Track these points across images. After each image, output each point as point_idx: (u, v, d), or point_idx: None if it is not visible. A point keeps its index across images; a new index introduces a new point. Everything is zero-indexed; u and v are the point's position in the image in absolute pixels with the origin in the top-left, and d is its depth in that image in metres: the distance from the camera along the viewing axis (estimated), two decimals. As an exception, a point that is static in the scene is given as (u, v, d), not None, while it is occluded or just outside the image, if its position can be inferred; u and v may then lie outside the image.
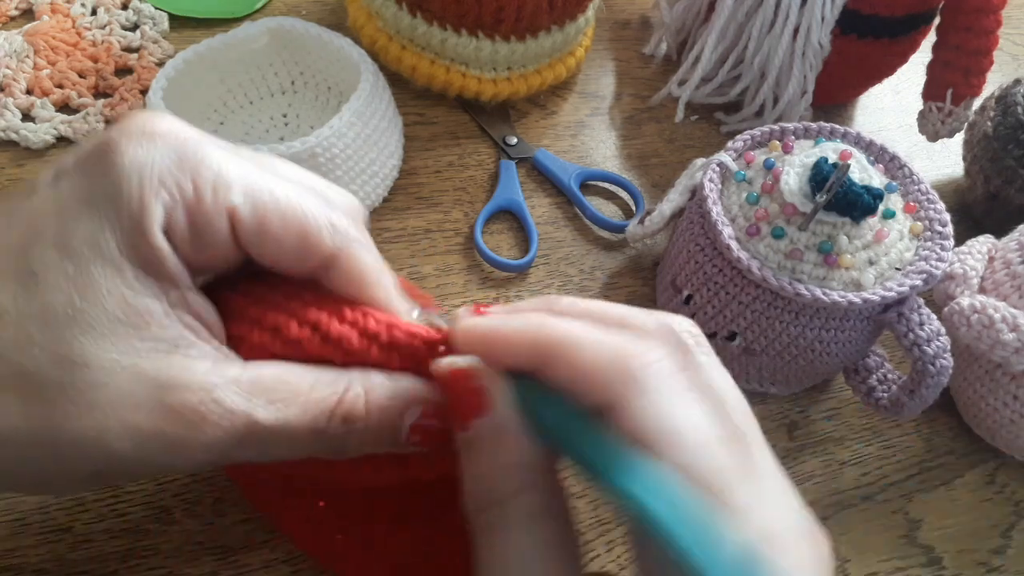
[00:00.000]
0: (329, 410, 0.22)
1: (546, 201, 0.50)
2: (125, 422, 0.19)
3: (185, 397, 0.20)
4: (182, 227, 0.21)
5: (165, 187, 0.20)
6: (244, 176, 0.22)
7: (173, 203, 0.21)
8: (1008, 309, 0.37)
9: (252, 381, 0.21)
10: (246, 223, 0.21)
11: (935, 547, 0.40)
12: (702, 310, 0.40)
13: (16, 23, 0.52)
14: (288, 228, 0.22)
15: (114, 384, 0.19)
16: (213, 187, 0.21)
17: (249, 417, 0.21)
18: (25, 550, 0.32)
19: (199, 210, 0.21)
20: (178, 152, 0.21)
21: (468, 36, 0.49)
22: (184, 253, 0.21)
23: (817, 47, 0.50)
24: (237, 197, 0.21)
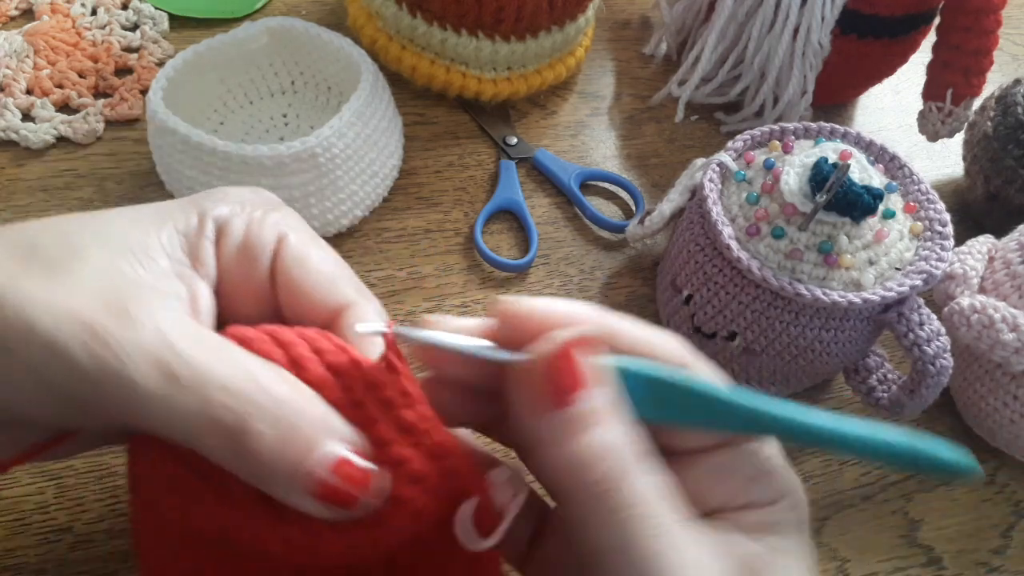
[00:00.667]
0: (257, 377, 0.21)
1: (546, 201, 0.50)
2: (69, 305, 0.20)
3: (133, 305, 0.21)
4: (237, 233, 0.24)
5: (239, 203, 0.25)
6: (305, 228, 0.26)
7: (238, 212, 0.25)
8: (1008, 309, 0.37)
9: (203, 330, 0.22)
10: (291, 248, 0.25)
11: (935, 547, 0.40)
12: (702, 310, 0.40)
13: (16, 23, 0.52)
14: (323, 267, 0.25)
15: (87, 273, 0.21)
16: (275, 220, 0.25)
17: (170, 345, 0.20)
18: (25, 550, 0.32)
19: (256, 226, 0.25)
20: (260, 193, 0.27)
21: (468, 36, 0.49)
22: (225, 262, 0.24)
23: (817, 47, 0.50)
24: (290, 230, 0.25)
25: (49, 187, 0.45)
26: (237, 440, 0.20)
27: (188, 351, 0.20)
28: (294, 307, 0.25)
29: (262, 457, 0.20)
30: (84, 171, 0.46)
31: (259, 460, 0.20)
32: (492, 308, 0.23)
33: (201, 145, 0.39)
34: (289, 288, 0.25)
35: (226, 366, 0.21)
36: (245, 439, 0.20)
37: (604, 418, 0.21)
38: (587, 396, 0.21)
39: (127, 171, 0.46)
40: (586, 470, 0.20)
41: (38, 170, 0.45)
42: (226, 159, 0.40)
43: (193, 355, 0.20)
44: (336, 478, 0.20)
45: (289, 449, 0.20)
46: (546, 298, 0.23)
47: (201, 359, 0.20)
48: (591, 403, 0.21)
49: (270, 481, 0.20)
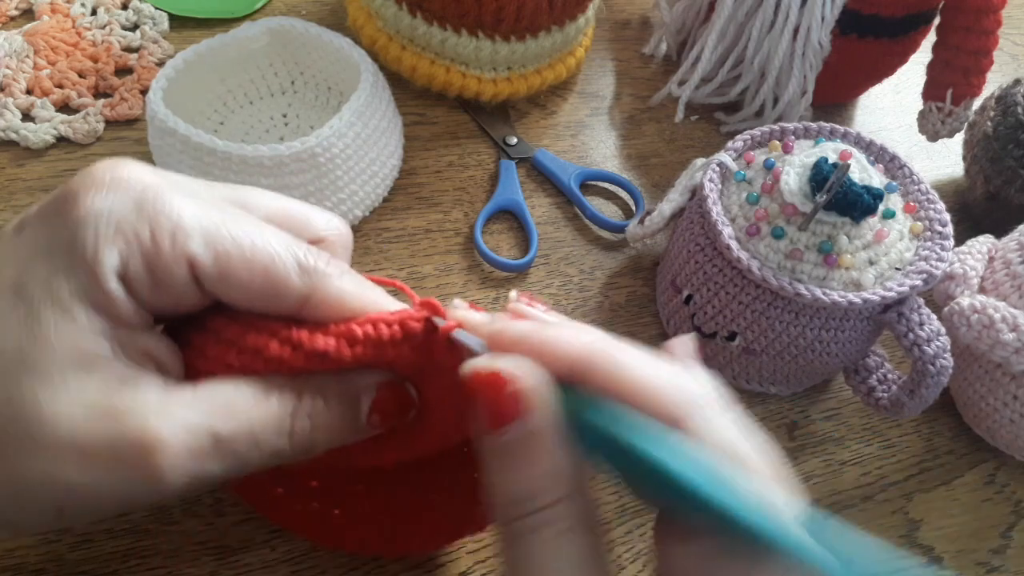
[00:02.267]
0: (292, 407, 0.22)
1: (546, 201, 0.50)
2: (78, 454, 0.19)
3: (137, 420, 0.20)
4: (140, 273, 0.21)
5: (122, 235, 0.21)
6: (205, 224, 0.22)
7: (129, 251, 0.21)
8: (1008, 309, 0.37)
9: (208, 397, 0.21)
10: (207, 270, 0.22)
11: (935, 547, 0.40)
12: (702, 310, 0.40)
13: (16, 23, 0.52)
14: (254, 273, 0.22)
15: (64, 419, 0.19)
16: (171, 235, 0.21)
17: (210, 428, 0.21)
18: (25, 550, 0.32)
19: (157, 258, 0.21)
20: (137, 200, 0.21)
21: (468, 36, 0.49)
22: (144, 298, 0.21)
23: (817, 47, 0.50)
24: (197, 246, 0.21)
25: (49, 187, 0.45)
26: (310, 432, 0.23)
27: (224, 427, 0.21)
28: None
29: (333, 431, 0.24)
30: (84, 171, 0.46)
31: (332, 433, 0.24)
32: (509, 309, 0.23)
33: (201, 145, 0.39)
34: (230, 303, 0.23)
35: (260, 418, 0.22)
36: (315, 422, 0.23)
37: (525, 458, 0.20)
38: (511, 430, 0.20)
39: (127, 171, 0.46)
40: (496, 505, 0.20)
41: (38, 170, 0.45)
42: (226, 159, 0.40)
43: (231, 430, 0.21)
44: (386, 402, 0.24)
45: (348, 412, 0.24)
46: (551, 326, 0.22)
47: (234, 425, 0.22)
48: (511, 437, 0.20)
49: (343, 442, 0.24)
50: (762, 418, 0.43)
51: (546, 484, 0.20)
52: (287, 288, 0.22)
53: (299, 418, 0.22)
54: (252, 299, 0.22)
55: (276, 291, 0.22)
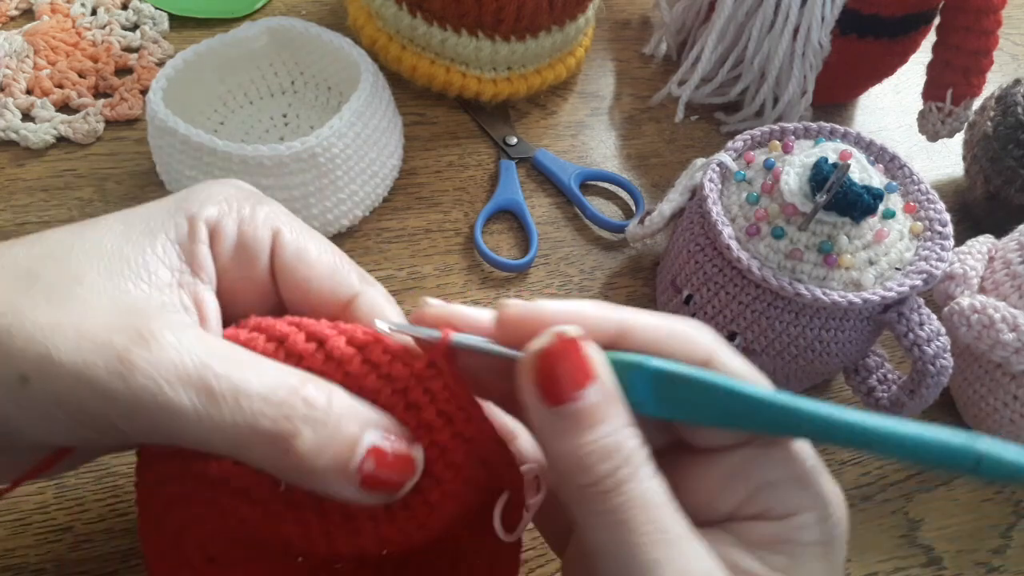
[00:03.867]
0: (291, 385, 0.21)
1: (546, 201, 0.50)
2: (81, 326, 0.20)
3: (148, 322, 0.21)
4: (230, 233, 0.24)
5: (227, 201, 0.25)
6: (294, 220, 0.26)
7: (227, 211, 0.24)
8: (1008, 309, 0.37)
9: (218, 340, 0.22)
10: (288, 244, 0.25)
11: (935, 547, 0.40)
12: (702, 310, 0.40)
13: (16, 23, 0.52)
14: (323, 260, 0.25)
15: (90, 298, 0.21)
16: (265, 213, 0.25)
17: (206, 367, 0.20)
18: (25, 550, 0.32)
19: (248, 224, 0.24)
20: (242, 188, 0.26)
21: (468, 36, 0.49)
22: (224, 260, 0.24)
23: (817, 47, 0.50)
24: (284, 224, 0.25)
25: (49, 187, 0.45)
26: (281, 447, 0.20)
27: (221, 368, 0.20)
28: (299, 301, 0.25)
29: (306, 460, 0.20)
30: (84, 171, 0.46)
31: (303, 463, 0.21)
32: (500, 314, 0.22)
33: (201, 145, 0.39)
34: (292, 283, 0.25)
35: (259, 377, 0.21)
36: (289, 445, 0.20)
37: (602, 417, 0.20)
38: (585, 394, 0.20)
39: (127, 171, 0.46)
40: (583, 471, 0.20)
41: (38, 170, 0.45)
42: (226, 159, 0.40)
43: (227, 371, 0.20)
44: (379, 467, 0.21)
45: (332, 448, 0.21)
46: (555, 300, 0.22)
47: (235, 374, 0.21)
48: (588, 401, 0.20)
49: (315, 480, 0.21)
50: (762, 418, 0.43)
51: (630, 433, 0.21)
52: (348, 282, 0.25)
53: (296, 399, 0.21)
54: (315, 284, 0.25)
55: (338, 282, 0.25)
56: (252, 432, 0.20)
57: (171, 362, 0.20)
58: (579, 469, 0.20)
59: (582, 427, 0.20)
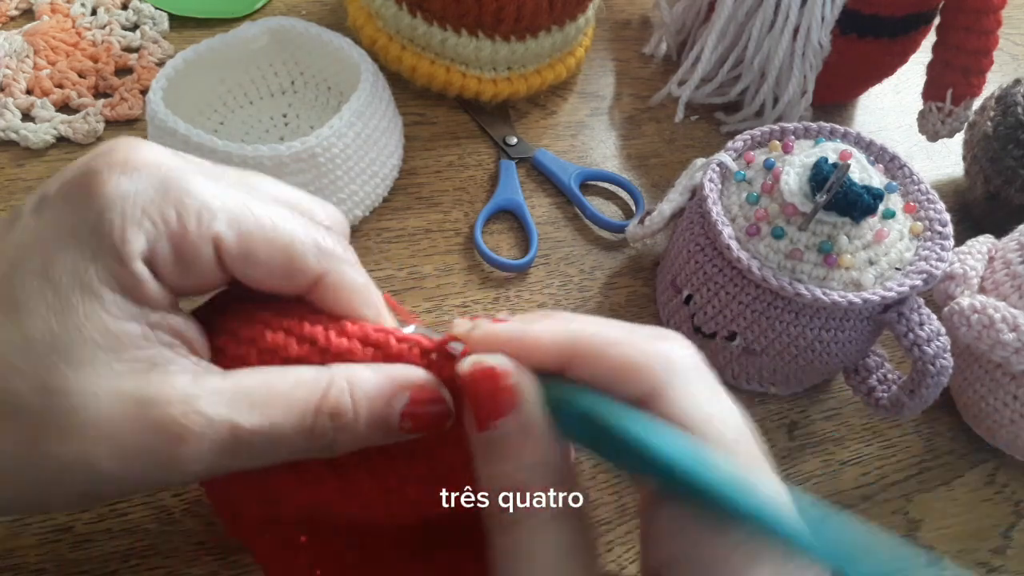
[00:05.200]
0: (314, 406, 0.21)
1: (546, 201, 0.50)
2: (110, 442, 0.20)
3: (166, 411, 0.20)
4: (166, 255, 0.21)
5: (148, 217, 0.21)
6: (229, 204, 0.22)
7: (156, 233, 0.21)
8: (1008, 309, 0.37)
9: (233, 388, 0.21)
10: (232, 250, 0.22)
11: (935, 547, 0.40)
12: (702, 310, 0.40)
13: (16, 23, 0.52)
14: (274, 252, 0.23)
15: (95, 406, 0.20)
16: (197, 216, 0.21)
17: (232, 423, 0.21)
18: (25, 550, 0.32)
19: (184, 239, 0.21)
20: (162, 182, 0.21)
21: (468, 36, 0.49)
22: (169, 279, 0.22)
23: (817, 47, 0.50)
24: (222, 225, 0.22)
25: (49, 187, 0.45)
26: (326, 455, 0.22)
27: (246, 421, 0.21)
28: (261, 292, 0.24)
29: (349, 447, 0.22)
30: (84, 171, 0.46)
31: (349, 447, 0.22)
32: (461, 328, 0.23)
33: (201, 145, 0.39)
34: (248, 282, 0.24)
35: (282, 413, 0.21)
36: (333, 452, 0.22)
37: (513, 451, 0.21)
38: (501, 424, 0.21)
39: (127, 171, 0.46)
40: (490, 500, 0.21)
41: (38, 170, 0.45)
42: (226, 159, 0.39)
43: (250, 421, 0.21)
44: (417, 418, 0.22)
45: (368, 429, 0.22)
46: (511, 323, 0.22)
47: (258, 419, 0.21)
48: (502, 432, 0.21)
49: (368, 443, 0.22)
50: (762, 418, 0.43)
51: (535, 474, 0.21)
52: (304, 268, 0.23)
53: (321, 417, 0.22)
54: (270, 277, 0.23)
55: (293, 270, 0.23)
56: (296, 453, 0.22)
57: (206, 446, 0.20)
58: (489, 496, 0.21)
59: (495, 456, 0.21)
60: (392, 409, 0.22)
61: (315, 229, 0.23)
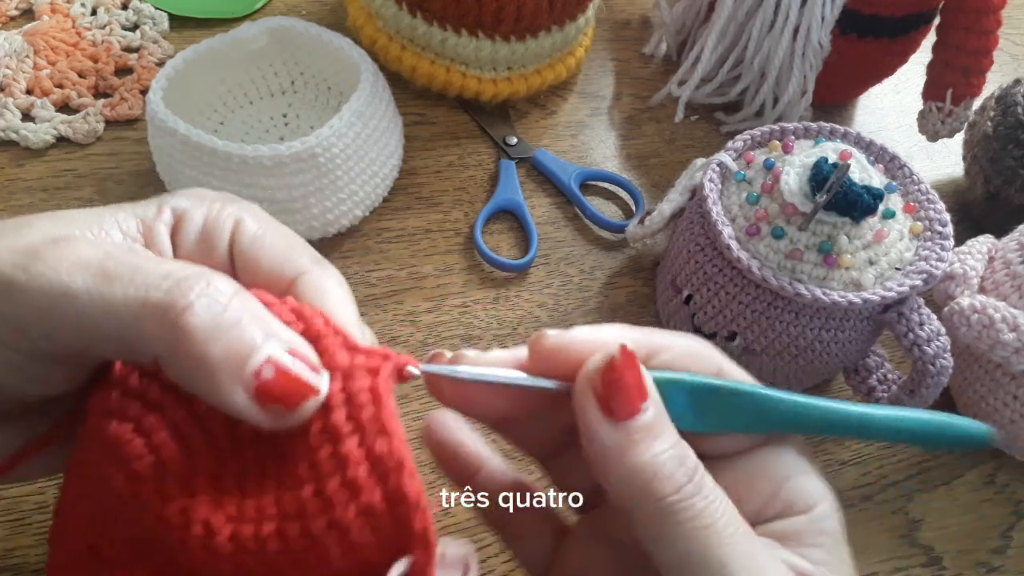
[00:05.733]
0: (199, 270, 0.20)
1: (546, 201, 0.50)
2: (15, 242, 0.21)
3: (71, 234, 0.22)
4: (196, 222, 0.24)
5: (199, 197, 0.25)
6: (263, 215, 0.26)
7: (197, 204, 0.25)
8: (1008, 309, 0.37)
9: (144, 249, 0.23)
10: (246, 232, 0.24)
11: (935, 547, 0.40)
12: (702, 310, 0.40)
13: (16, 23, 0.52)
14: (277, 243, 0.25)
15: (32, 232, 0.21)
16: (234, 208, 0.25)
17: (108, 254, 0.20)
18: (25, 550, 0.32)
19: (214, 215, 0.25)
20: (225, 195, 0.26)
21: (468, 36, 0.49)
22: (185, 249, 0.24)
23: (817, 47, 0.50)
24: (246, 214, 0.25)
25: (49, 187, 0.45)
26: (170, 318, 0.19)
27: (125, 256, 0.21)
28: (251, 283, 0.23)
29: (196, 342, 0.19)
30: (84, 171, 0.46)
31: (193, 345, 0.19)
32: (533, 343, 0.23)
33: (201, 145, 0.39)
34: (246, 266, 0.24)
35: (165, 262, 0.21)
36: (179, 317, 0.19)
37: (663, 430, 0.21)
38: (647, 407, 0.21)
39: (127, 171, 0.46)
40: (663, 480, 0.20)
41: (38, 170, 0.45)
42: (226, 159, 0.40)
43: (130, 257, 0.21)
44: (278, 378, 0.19)
45: (227, 338, 0.19)
46: (581, 327, 0.23)
47: (139, 259, 0.20)
48: (651, 414, 0.21)
49: (204, 375, 0.19)
50: (762, 418, 0.43)
51: (684, 443, 0.21)
52: (297, 262, 0.24)
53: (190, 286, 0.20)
54: (264, 264, 0.24)
55: (286, 260, 0.24)
56: (141, 305, 0.19)
57: (76, 254, 0.20)
58: (659, 479, 0.20)
59: (650, 439, 0.21)
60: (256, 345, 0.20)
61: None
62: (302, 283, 0.24)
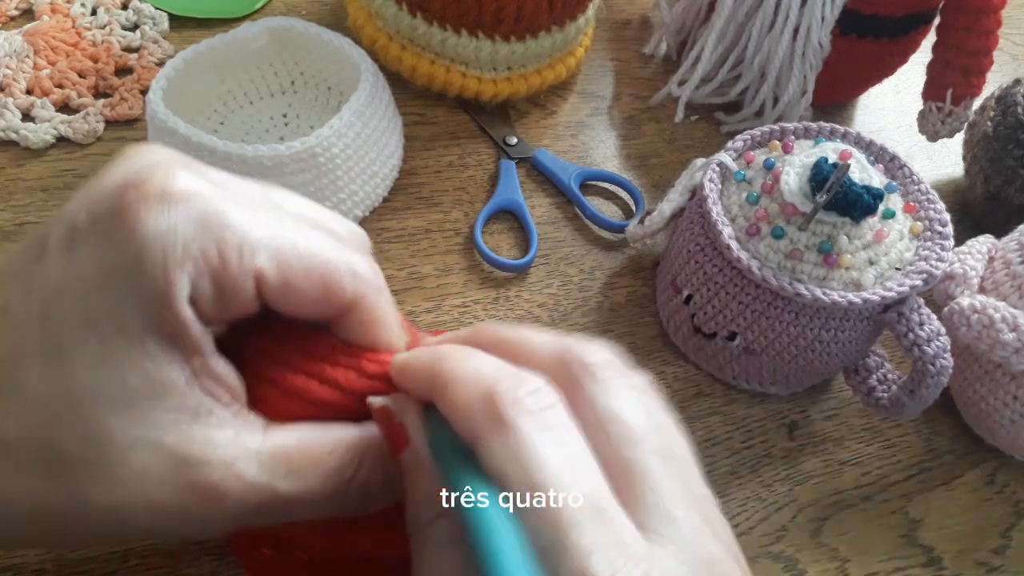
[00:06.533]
0: (348, 479, 0.22)
1: (546, 201, 0.50)
2: (147, 498, 0.20)
3: (206, 474, 0.20)
4: (208, 293, 0.21)
5: (190, 257, 0.20)
6: (267, 235, 0.21)
7: (198, 272, 0.20)
8: (1008, 309, 0.37)
9: (272, 452, 0.22)
10: (272, 282, 0.21)
11: (935, 547, 0.40)
12: (702, 310, 0.40)
13: (16, 23, 0.52)
14: (312, 280, 0.22)
15: (136, 460, 0.20)
16: (239, 252, 0.21)
17: (270, 488, 0.21)
18: (25, 550, 0.32)
19: (225, 275, 0.21)
20: (201, 217, 0.20)
21: (468, 36, 0.49)
22: (208, 315, 0.21)
23: (817, 47, 0.50)
24: (263, 259, 0.21)
25: (49, 187, 0.45)
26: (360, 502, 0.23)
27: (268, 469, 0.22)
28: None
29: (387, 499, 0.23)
30: (84, 171, 0.46)
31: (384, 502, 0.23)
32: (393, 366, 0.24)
33: (201, 145, 0.39)
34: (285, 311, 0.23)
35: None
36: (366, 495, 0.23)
37: (413, 481, 0.22)
38: (403, 456, 0.22)
39: (127, 171, 0.46)
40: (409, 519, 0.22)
41: (38, 170, 0.45)
42: (226, 159, 0.40)
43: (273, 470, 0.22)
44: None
45: None
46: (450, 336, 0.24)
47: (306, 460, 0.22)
48: (405, 463, 0.22)
49: None
50: (762, 418, 0.43)
51: (428, 504, 0.21)
52: (340, 294, 0.23)
53: (353, 487, 0.23)
54: (306, 305, 0.22)
55: (329, 297, 0.22)
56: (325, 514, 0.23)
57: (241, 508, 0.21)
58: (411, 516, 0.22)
59: (405, 484, 0.22)
60: None
61: (347, 253, 0.23)
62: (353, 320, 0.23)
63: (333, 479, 0.22)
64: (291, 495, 0.21)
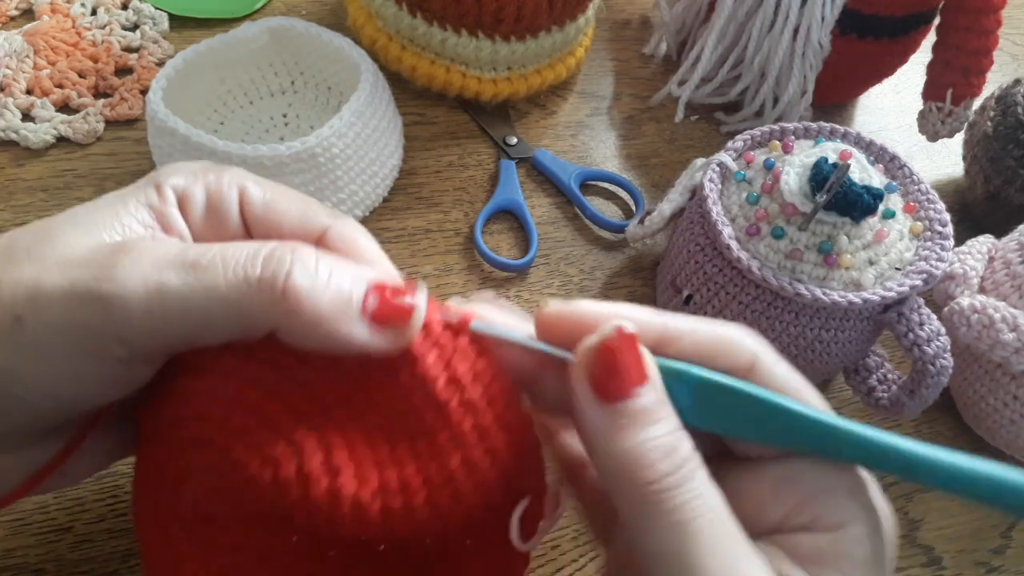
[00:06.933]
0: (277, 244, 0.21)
1: (546, 201, 0.50)
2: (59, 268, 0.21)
3: (128, 242, 0.21)
4: (199, 198, 0.24)
5: (191, 172, 0.24)
6: (260, 179, 0.25)
7: (193, 179, 0.24)
8: (1008, 309, 0.37)
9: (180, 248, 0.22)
10: (256, 201, 0.25)
11: (935, 547, 0.40)
12: (702, 310, 0.40)
13: (16, 23, 0.52)
14: (291, 204, 0.25)
15: (69, 245, 0.21)
16: (230, 176, 0.25)
17: (183, 248, 0.21)
18: (25, 550, 0.32)
19: (215, 186, 0.24)
20: (209, 164, 0.25)
21: (468, 36, 0.49)
22: (196, 228, 0.24)
23: (817, 47, 0.50)
24: (250, 182, 0.25)
25: (49, 187, 0.45)
26: (278, 289, 0.20)
27: (202, 247, 0.21)
28: None
29: (306, 301, 0.20)
30: (84, 171, 0.46)
31: (304, 305, 0.20)
32: (537, 314, 0.22)
33: (201, 145, 0.39)
34: (266, 232, 0.24)
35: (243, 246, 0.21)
36: (285, 285, 0.20)
37: (658, 417, 0.20)
38: (642, 392, 0.20)
39: (127, 171, 0.46)
40: (644, 468, 0.19)
41: (38, 170, 0.45)
42: (226, 159, 0.40)
43: (208, 247, 0.21)
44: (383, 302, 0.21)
45: (329, 291, 0.20)
46: (596, 302, 0.22)
47: (217, 247, 0.21)
48: (646, 399, 0.20)
49: (322, 327, 0.20)
50: (762, 418, 0.43)
51: (684, 435, 0.20)
52: (316, 219, 0.25)
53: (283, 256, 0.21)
54: (286, 229, 0.24)
55: (307, 220, 0.25)
56: (246, 283, 0.20)
57: (150, 254, 0.21)
58: (640, 466, 0.19)
59: (640, 424, 0.20)
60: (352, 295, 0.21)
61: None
62: (330, 238, 0.24)
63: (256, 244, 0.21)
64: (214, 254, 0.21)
